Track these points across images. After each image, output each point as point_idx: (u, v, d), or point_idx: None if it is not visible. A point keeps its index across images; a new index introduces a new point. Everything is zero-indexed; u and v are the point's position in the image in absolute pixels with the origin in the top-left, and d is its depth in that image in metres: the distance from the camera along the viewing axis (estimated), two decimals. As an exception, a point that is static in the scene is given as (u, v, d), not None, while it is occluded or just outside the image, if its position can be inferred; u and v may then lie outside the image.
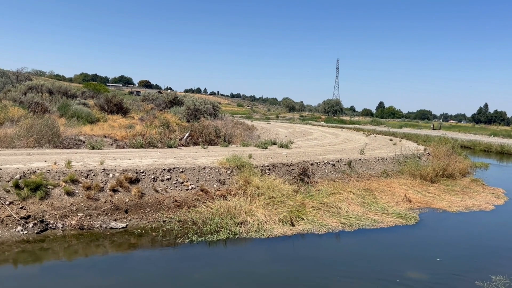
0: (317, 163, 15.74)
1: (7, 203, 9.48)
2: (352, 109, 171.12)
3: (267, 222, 10.67)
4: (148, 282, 7.81)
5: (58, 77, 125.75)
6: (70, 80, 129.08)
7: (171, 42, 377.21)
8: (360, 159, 17.56)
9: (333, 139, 28.21)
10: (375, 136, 32.29)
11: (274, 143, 21.19)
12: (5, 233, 9.00)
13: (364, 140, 28.66)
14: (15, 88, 32.23)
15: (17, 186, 9.84)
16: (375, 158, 18.31)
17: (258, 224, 10.48)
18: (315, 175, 14.87)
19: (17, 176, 10.06)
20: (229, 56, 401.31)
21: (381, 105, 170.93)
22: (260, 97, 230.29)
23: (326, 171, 15.48)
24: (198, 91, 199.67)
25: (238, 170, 13.19)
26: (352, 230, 11.07)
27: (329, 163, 16.03)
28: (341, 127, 44.08)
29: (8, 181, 9.90)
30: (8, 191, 9.70)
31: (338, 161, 16.48)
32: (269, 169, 14.08)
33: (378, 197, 13.98)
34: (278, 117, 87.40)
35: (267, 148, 19.39)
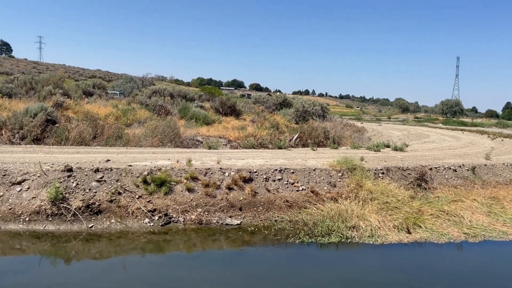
0: (436, 167, 14.73)
1: (136, 196, 10.48)
2: (474, 110, 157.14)
3: (381, 228, 10.27)
4: (261, 277, 8.02)
5: (178, 82, 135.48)
6: (188, 84, 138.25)
7: (280, 46, 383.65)
8: (485, 165, 16.03)
9: (453, 143, 26.17)
10: (502, 140, 29.21)
11: (387, 146, 20.33)
12: (134, 224, 9.95)
13: (489, 144, 26.12)
14: (141, 92, 35.50)
15: (145, 181, 10.81)
16: (503, 164, 16.56)
17: (371, 229, 10.13)
18: (434, 180, 13.92)
19: (145, 173, 11.05)
20: (337, 57, 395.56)
21: (508, 105, 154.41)
22: (370, 98, 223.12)
23: (446, 176, 14.41)
24: (306, 92, 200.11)
25: (349, 173, 12.91)
26: (477, 242, 10.15)
27: (450, 168, 14.90)
28: (461, 130, 40.69)
29: (138, 177, 10.91)
30: (137, 186, 10.71)
31: (460, 166, 15.24)
32: (382, 173, 13.54)
33: (507, 207, 12.62)
34: (390, 118, 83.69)
35: (379, 150, 18.69)
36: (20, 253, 8.52)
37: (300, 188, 11.97)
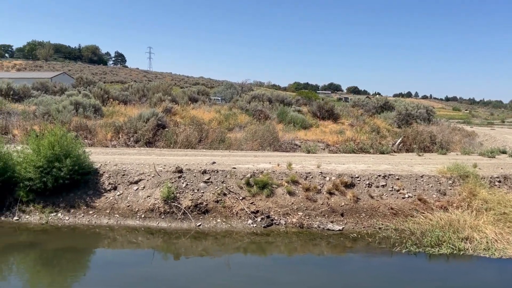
0: None
1: (240, 198, 10.83)
2: None
3: (498, 241, 9.39)
4: (364, 286, 7.79)
5: (275, 87, 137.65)
6: (285, 89, 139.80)
7: (380, 46, 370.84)
8: None
9: None
10: None
11: (503, 152, 18.55)
12: (238, 224, 10.29)
13: None
14: (241, 97, 36.70)
15: (248, 183, 11.14)
16: None
17: (487, 242, 9.31)
18: (562, 191, 12.38)
19: (248, 175, 11.37)
20: (442, 56, 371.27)
21: None
22: (480, 100, 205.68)
23: None
24: (408, 95, 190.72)
25: (461, 180, 12.01)
26: None
27: None
28: None
29: (241, 179, 11.27)
30: (241, 188, 11.06)
31: None
32: (499, 181, 12.38)
33: None
34: (504, 122, 76.26)
35: (494, 157, 17.12)
36: (136, 247, 9.27)
37: (406, 196, 11.42)
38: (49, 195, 10.58)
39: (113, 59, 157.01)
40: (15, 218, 10.13)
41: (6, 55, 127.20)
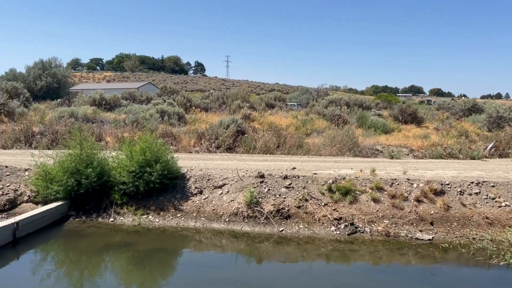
0: None
1: (322, 204, 10.71)
2: None
3: None
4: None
5: (352, 91, 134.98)
6: (362, 92, 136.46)
7: (465, 44, 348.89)
8: None
9: None
10: None
11: None
12: (321, 231, 10.18)
13: None
14: (318, 102, 36.42)
15: (330, 189, 10.98)
16: None
17: None
18: None
19: (330, 181, 11.22)
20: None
21: None
22: None
23: None
24: (498, 96, 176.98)
25: None
26: None
27: None
28: None
29: (323, 185, 11.16)
30: (323, 194, 10.94)
31: None
32: None
33: None
34: None
35: None
36: (221, 250, 9.51)
37: (503, 204, 10.56)
38: (141, 198, 11.24)
39: (193, 68, 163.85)
40: (111, 219, 10.88)
41: (97, 67, 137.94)
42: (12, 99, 24.48)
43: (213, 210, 10.92)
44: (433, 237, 9.79)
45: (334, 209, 10.58)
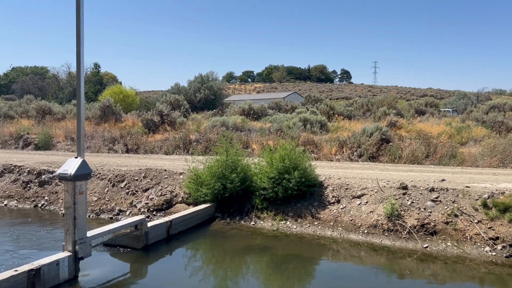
0: None
1: (475, 221, 9.57)
2: None
3: None
4: None
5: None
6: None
7: None
8: None
9: None
10: None
11: None
12: (473, 250, 9.10)
13: None
14: (477, 108, 32.86)
15: (484, 205, 9.76)
16: None
17: None
18: None
19: (485, 196, 9.98)
20: None
21: None
22: None
23: None
24: None
25: None
26: None
27: None
28: None
29: (476, 200, 9.98)
30: (476, 209, 9.78)
31: None
32: None
33: None
34: None
35: None
36: (359, 262, 9.17)
37: None
38: (280, 204, 11.54)
39: (339, 76, 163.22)
40: (252, 223, 11.40)
41: (249, 79, 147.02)
42: (174, 110, 27.55)
43: (351, 220, 10.63)
44: None
45: (489, 227, 9.36)
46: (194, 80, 63.85)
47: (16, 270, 6.61)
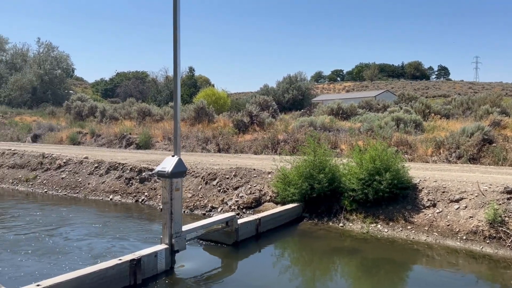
0: None
1: None
2: None
3: None
4: None
5: None
6: None
7: None
8: None
9: None
10: None
11: None
12: None
13: None
14: None
15: None
16: None
17: None
18: None
19: None
20: None
21: None
22: None
23: None
24: None
25: None
26: None
27: None
28: None
29: None
30: None
31: None
32: None
33: None
34: None
35: None
36: (456, 270, 8.61)
37: None
38: (370, 206, 11.21)
39: (436, 73, 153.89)
40: (340, 224, 11.22)
41: (338, 78, 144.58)
42: (263, 110, 28.01)
43: (448, 225, 9.99)
44: None
45: None
46: (282, 81, 64.34)
47: (120, 259, 7.21)
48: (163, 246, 7.98)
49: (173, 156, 8.01)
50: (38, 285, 5.95)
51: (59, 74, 57.13)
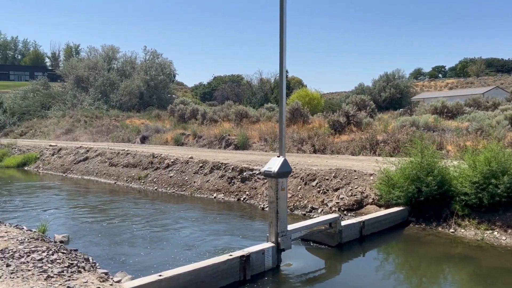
0: None
1: None
2: None
3: None
4: None
5: None
6: None
7: None
8: None
9: None
10: None
11: None
12: None
13: None
14: None
15: None
16: None
17: None
18: None
19: None
20: None
21: None
22: None
23: None
24: None
25: None
26: None
27: None
28: None
29: None
30: None
31: None
32: None
33: None
34: None
35: None
36: None
37: None
38: (484, 212, 10.41)
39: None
40: (451, 230, 10.56)
41: (439, 75, 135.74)
42: (360, 110, 27.30)
43: None
44: None
45: None
46: (379, 79, 62.22)
47: (230, 255, 7.55)
48: (269, 244, 8.18)
49: (278, 156, 8.18)
50: (160, 275, 6.45)
51: (163, 79, 60.99)
